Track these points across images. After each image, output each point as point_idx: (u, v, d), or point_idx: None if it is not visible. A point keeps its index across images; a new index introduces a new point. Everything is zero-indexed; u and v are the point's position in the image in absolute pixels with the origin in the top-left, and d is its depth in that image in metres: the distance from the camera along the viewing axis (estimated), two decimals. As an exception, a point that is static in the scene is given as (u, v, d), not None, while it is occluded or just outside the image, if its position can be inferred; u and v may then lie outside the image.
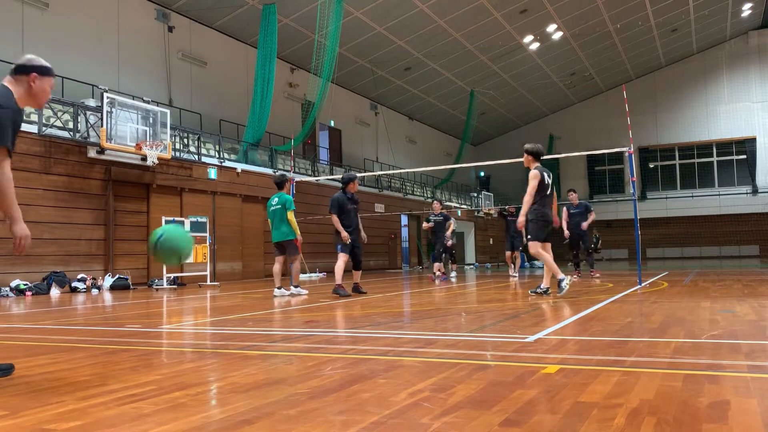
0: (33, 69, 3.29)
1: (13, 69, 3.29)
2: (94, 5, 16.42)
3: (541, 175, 7.39)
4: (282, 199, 9.15)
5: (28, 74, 3.30)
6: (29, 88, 3.28)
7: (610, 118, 36.32)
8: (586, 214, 12.31)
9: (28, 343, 4.46)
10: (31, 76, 3.29)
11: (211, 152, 17.35)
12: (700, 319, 4.90)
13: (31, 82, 3.29)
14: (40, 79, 3.31)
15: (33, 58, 3.37)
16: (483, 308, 6.54)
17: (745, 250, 33.58)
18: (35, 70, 3.29)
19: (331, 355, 3.54)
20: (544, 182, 7.41)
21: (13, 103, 3.13)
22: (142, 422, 2.16)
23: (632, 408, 2.19)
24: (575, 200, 12.51)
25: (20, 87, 3.26)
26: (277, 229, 9.17)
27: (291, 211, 9.05)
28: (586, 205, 12.47)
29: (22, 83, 3.28)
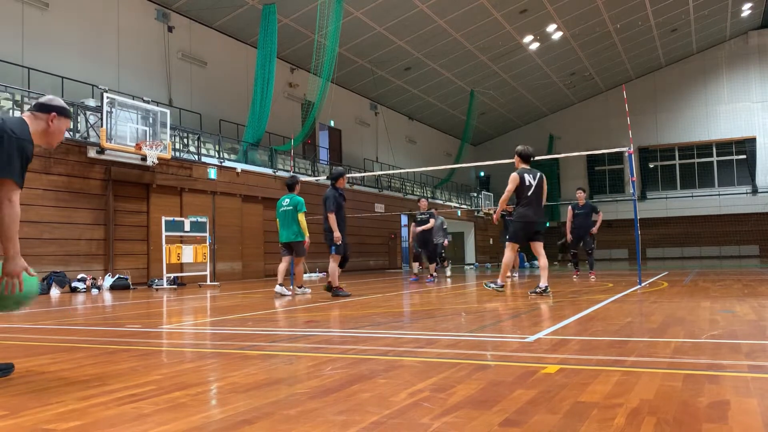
0: (53, 109, 3.29)
1: (34, 106, 3.29)
2: (94, 5, 16.42)
3: (520, 177, 7.57)
4: (294, 200, 9.31)
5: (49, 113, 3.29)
6: (47, 127, 3.27)
7: (610, 118, 36.31)
8: (591, 215, 12.11)
9: (28, 343, 4.46)
10: (51, 115, 3.28)
11: (211, 152, 17.36)
12: (700, 319, 4.90)
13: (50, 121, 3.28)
14: (59, 120, 3.31)
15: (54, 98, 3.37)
16: (483, 308, 6.54)
17: (745, 250, 33.58)
18: (55, 110, 3.29)
19: (331, 355, 3.54)
20: (524, 184, 7.57)
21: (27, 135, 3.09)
22: (142, 422, 2.16)
23: (632, 408, 2.20)
24: (582, 199, 12.29)
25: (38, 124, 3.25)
26: (287, 230, 9.31)
27: (302, 213, 9.25)
28: (592, 206, 12.25)
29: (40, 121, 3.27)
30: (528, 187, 7.56)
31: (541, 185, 7.67)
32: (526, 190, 7.56)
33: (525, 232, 7.70)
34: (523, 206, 7.60)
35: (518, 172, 7.64)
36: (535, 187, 7.60)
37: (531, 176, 7.62)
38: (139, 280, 13.96)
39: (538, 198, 7.63)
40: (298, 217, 9.23)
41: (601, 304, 6.42)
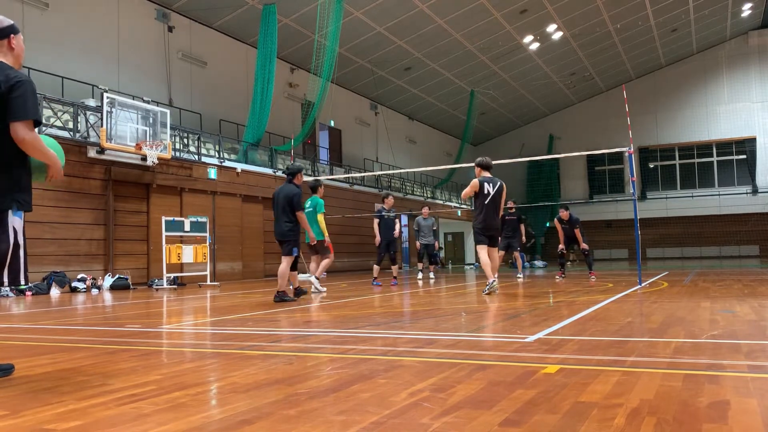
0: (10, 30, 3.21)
1: None
2: (94, 5, 16.41)
3: (480, 184, 8.22)
4: (314, 202, 9.78)
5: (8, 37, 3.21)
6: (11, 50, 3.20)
7: (610, 118, 36.29)
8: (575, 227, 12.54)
9: (28, 343, 4.46)
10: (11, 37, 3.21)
11: (211, 152, 17.36)
12: (700, 319, 4.90)
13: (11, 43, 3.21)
14: (17, 38, 3.22)
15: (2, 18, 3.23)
16: (483, 308, 6.54)
17: (745, 250, 33.56)
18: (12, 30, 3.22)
19: (331, 355, 3.54)
20: (483, 192, 8.19)
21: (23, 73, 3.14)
22: (142, 422, 2.16)
23: (632, 408, 2.20)
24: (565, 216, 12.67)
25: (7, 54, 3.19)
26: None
27: (321, 214, 9.65)
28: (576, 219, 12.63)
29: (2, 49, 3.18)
30: (486, 195, 8.20)
31: (499, 193, 8.24)
32: (483, 197, 8.20)
33: (483, 235, 8.28)
34: (479, 212, 8.26)
35: (480, 179, 8.27)
36: (493, 195, 8.19)
37: (490, 185, 8.23)
38: (139, 280, 13.96)
39: (494, 205, 8.21)
40: (317, 217, 9.63)
41: (601, 304, 6.42)
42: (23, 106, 3.04)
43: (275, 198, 8.06)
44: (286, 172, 8.25)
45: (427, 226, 14.33)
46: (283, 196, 7.89)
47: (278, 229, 7.94)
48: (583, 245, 12.48)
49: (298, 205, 7.85)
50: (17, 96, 3.04)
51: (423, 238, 14.40)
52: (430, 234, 14.35)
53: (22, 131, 3.02)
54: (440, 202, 31.19)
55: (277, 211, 7.96)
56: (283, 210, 7.86)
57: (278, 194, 8.01)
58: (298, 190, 7.97)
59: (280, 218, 7.89)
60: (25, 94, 3.06)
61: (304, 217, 7.96)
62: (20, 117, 3.03)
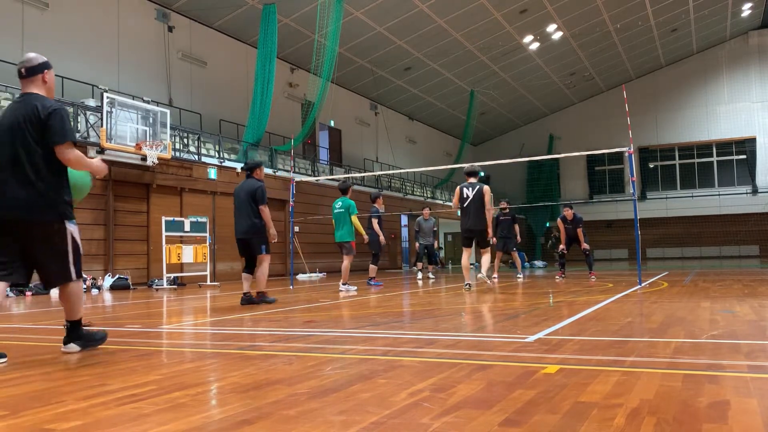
0: (44, 66, 3.73)
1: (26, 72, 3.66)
2: (94, 5, 16.41)
3: (459, 190, 9.04)
4: (345, 203, 10.08)
5: (42, 72, 3.73)
6: (44, 83, 3.71)
7: (610, 118, 36.29)
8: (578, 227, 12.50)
9: (28, 343, 4.46)
10: (45, 72, 3.74)
11: (211, 152, 17.36)
12: (700, 319, 4.90)
13: (45, 77, 3.71)
14: (50, 72, 3.71)
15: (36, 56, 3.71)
16: (483, 308, 6.54)
17: (745, 250, 33.56)
18: (46, 66, 3.73)
19: (331, 355, 3.54)
20: (462, 196, 8.96)
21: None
22: (142, 422, 2.16)
23: (632, 408, 2.20)
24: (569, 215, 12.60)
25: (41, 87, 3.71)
26: (339, 230, 10.06)
27: (354, 215, 9.99)
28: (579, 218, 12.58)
29: (37, 83, 3.70)
30: (465, 199, 8.92)
31: (477, 196, 8.87)
32: (463, 201, 8.96)
33: (464, 237, 9.08)
34: (462, 216, 8.98)
35: (460, 185, 9.08)
36: (472, 199, 8.88)
37: (469, 190, 8.94)
38: (139, 280, 13.95)
39: (475, 208, 8.86)
40: (350, 219, 9.94)
41: (601, 304, 6.42)
42: (62, 131, 3.58)
43: (236, 195, 7.63)
44: (245, 167, 7.86)
45: (428, 227, 14.38)
46: (245, 192, 7.49)
47: (242, 227, 7.47)
48: (584, 245, 12.45)
49: (262, 199, 7.43)
50: (54, 123, 3.57)
51: (423, 238, 14.45)
52: (431, 235, 14.42)
53: (66, 152, 3.58)
54: (440, 202, 31.18)
55: (239, 208, 7.52)
56: (247, 206, 7.43)
57: (239, 190, 7.62)
58: (260, 184, 7.56)
59: (244, 215, 7.45)
60: (61, 120, 3.60)
61: (267, 212, 7.49)
62: (60, 141, 3.57)
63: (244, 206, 7.45)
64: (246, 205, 7.43)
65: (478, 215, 8.91)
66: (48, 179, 3.56)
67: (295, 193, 13.23)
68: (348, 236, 9.96)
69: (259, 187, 7.48)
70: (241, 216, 7.48)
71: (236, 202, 7.61)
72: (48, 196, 3.58)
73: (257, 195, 7.41)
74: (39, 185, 3.55)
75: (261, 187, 7.49)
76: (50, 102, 3.63)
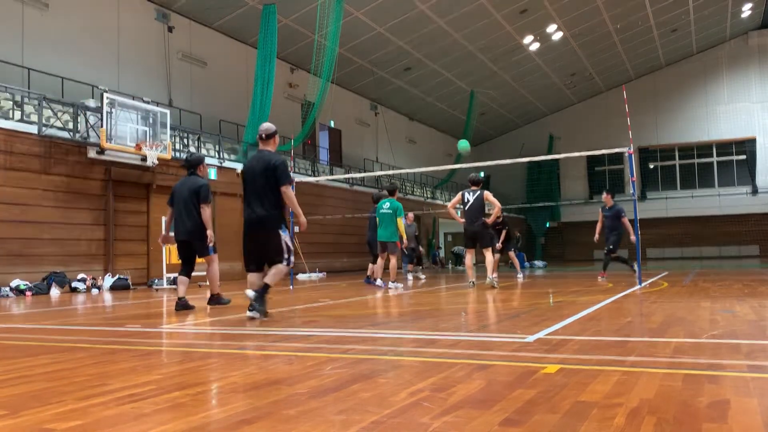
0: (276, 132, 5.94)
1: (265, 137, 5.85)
2: (94, 5, 16.41)
3: (461, 195, 9.72)
4: (393, 205, 10.62)
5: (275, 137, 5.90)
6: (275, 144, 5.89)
7: (610, 118, 36.29)
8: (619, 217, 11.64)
9: (29, 343, 4.46)
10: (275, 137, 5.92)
11: (211, 152, 17.35)
12: (700, 319, 4.90)
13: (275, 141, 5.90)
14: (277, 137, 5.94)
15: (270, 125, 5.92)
16: (483, 308, 6.54)
17: (745, 250, 33.55)
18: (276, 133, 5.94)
19: (331, 355, 3.54)
20: (464, 200, 9.63)
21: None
22: (142, 422, 2.16)
23: (632, 408, 2.20)
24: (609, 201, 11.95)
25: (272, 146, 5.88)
26: (385, 230, 10.59)
27: (400, 218, 10.51)
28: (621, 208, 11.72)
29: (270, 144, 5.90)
30: (466, 203, 9.59)
31: (479, 200, 9.54)
32: (464, 205, 9.61)
33: (466, 239, 9.73)
34: (465, 218, 9.62)
35: (462, 191, 9.77)
36: (473, 203, 9.52)
37: (471, 195, 9.61)
38: (139, 280, 13.95)
39: (476, 211, 9.51)
40: (396, 220, 10.45)
41: (601, 304, 6.42)
42: (285, 176, 5.71)
43: (176, 192, 7.08)
44: (186, 164, 7.27)
45: (410, 232, 14.44)
46: (188, 189, 6.95)
47: (184, 228, 6.99)
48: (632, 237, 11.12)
49: (205, 198, 6.95)
50: (281, 171, 5.70)
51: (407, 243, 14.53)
52: (413, 240, 14.57)
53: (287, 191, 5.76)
54: (440, 203, 31.17)
55: (179, 207, 6.98)
56: (191, 205, 6.94)
57: (180, 188, 7.06)
58: (204, 182, 7.11)
59: (186, 214, 6.95)
60: (285, 169, 5.72)
61: (208, 211, 7.03)
62: (284, 183, 5.73)
63: (187, 205, 6.95)
64: (191, 203, 6.95)
65: (480, 217, 9.54)
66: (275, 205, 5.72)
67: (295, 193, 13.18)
68: (393, 236, 10.54)
69: (203, 185, 7.02)
70: (182, 216, 6.98)
71: (175, 200, 7.08)
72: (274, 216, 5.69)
73: (200, 194, 6.94)
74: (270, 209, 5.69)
75: (205, 185, 7.04)
76: (278, 156, 5.73)
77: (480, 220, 9.51)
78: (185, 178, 7.16)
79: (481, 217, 9.56)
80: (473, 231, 9.55)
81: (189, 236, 7.00)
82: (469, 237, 9.68)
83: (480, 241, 9.60)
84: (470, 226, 9.55)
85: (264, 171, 5.64)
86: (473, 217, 9.52)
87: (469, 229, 9.59)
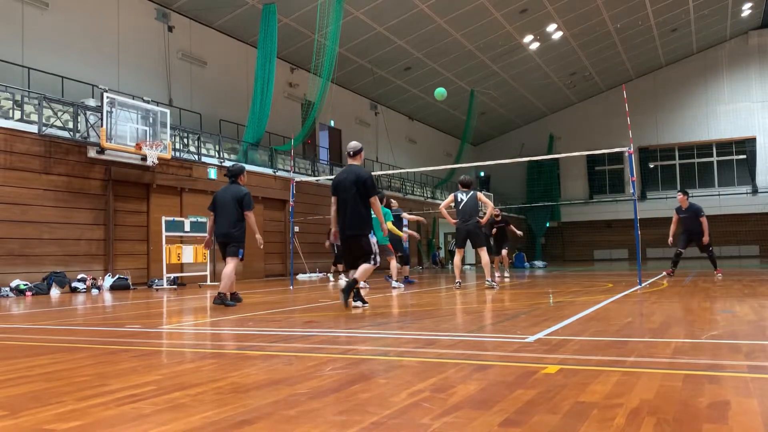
0: (362, 149, 6.97)
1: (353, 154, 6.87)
2: (94, 5, 16.41)
3: (454, 196, 9.82)
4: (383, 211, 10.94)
5: (360, 153, 6.90)
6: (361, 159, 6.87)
7: (610, 118, 36.29)
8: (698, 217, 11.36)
9: (28, 343, 4.46)
10: (361, 153, 6.92)
11: (211, 152, 17.35)
12: (700, 319, 4.90)
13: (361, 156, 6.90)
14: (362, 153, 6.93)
15: (357, 144, 6.91)
16: (483, 308, 6.54)
17: (745, 250, 33.55)
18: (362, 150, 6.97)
19: (331, 355, 3.54)
20: (456, 200, 9.73)
21: None
22: (142, 422, 2.16)
23: (632, 408, 2.19)
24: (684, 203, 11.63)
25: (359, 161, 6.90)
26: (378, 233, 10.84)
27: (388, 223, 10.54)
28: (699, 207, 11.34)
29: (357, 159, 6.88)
30: (459, 203, 9.69)
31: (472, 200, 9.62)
32: (457, 205, 9.72)
33: (459, 238, 9.83)
34: (458, 218, 9.72)
35: (455, 192, 9.87)
36: (466, 202, 9.61)
37: (464, 195, 9.71)
38: (139, 280, 13.95)
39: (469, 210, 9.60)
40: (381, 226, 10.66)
41: (601, 304, 6.42)
42: (373, 189, 6.56)
43: (218, 199, 7.74)
44: (229, 174, 7.92)
45: None
46: (231, 197, 7.61)
47: (222, 231, 7.62)
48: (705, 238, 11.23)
49: (248, 205, 7.63)
50: (369, 185, 6.53)
51: None
52: None
53: (375, 201, 6.62)
54: (440, 202, 31.17)
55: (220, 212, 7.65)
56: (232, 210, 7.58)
57: (223, 194, 7.72)
58: (247, 191, 7.76)
59: (226, 219, 7.59)
60: (372, 183, 6.55)
61: (253, 217, 7.69)
62: (372, 194, 6.56)
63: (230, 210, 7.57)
64: (230, 210, 7.57)
65: (474, 216, 9.64)
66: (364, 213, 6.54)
67: (295, 193, 13.23)
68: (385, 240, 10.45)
69: (246, 194, 7.66)
70: (223, 219, 7.61)
71: (218, 205, 7.69)
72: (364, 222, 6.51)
73: (243, 202, 7.59)
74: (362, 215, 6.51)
75: (247, 194, 7.67)
76: (365, 170, 6.66)
77: (474, 219, 9.58)
78: (227, 186, 7.83)
79: (475, 216, 9.64)
80: (466, 230, 9.60)
81: (225, 238, 7.67)
82: (461, 236, 9.75)
83: (474, 241, 9.64)
84: (463, 225, 9.60)
85: (354, 183, 6.56)
86: (467, 216, 9.58)
87: (462, 228, 9.64)
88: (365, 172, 6.67)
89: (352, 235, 6.57)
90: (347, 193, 6.57)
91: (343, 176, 6.72)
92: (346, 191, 6.58)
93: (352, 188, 6.54)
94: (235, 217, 7.56)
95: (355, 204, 6.55)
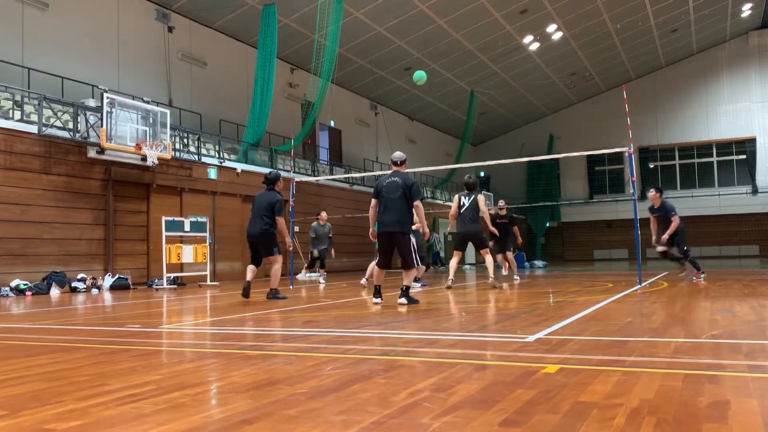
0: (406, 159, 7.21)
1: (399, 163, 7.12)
2: (94, 5, 16.41)
3: (457, 198, 10.00)
4: None
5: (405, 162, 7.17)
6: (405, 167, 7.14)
7: (610, 118, 36.28)
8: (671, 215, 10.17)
9: (28, 343, 4.46)
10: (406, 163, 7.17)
11: (211, 152, 17.35)
12: (700, 319, 4.90)
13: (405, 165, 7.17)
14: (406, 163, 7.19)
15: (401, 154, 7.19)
16: (483, 308, 6.54)
17: (745, 250, 33.54)
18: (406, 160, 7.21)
19: (331, 355, 3.54)
20: (459, 203, 9.89)
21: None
22: (142, 422, 2.16)
23: (632, 408, 2.19)
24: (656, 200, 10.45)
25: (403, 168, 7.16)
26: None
27: None
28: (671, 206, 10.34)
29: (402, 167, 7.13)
30: (461, 206, 9.87)
31: (473, 204, 9.80)
32: (459, 208, 9.89)
33: (459, 241, 10.06)
34: (458, 221, 9.92)
35: (458, 194, 10.06)
36: (468, 206, 9.80)
37: (466, 198, 9.91)
38: (139, 280, 13.95)
39: (471, 214, 9.77)
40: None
41: (601, 304, 6.42)
42: (418, 193, 6.93)
43: (255, 202, 8.28)
44: (266, 180, 8.36)
45: (323, 233, 14.28)
46: (266, 201, 8.14)
47: (254, 230, 8.11)
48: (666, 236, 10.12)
49: (279, 211, 8.12)
50: (415, 190, 6.92)
51: (318, 245, 14.30)
52: (326, 241, 14.32)
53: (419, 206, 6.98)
54: (440, 202, 31.17)
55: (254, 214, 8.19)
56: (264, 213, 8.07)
57: (259, 198, 8.25)
58: (280, 197, 8.28)
59: (257, 221, 8.10)
60: (418, 188, 6.94)
61: (282, 221, 8.13)
62: (417, 198, 6.93)
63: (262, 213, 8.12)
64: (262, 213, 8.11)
65: (474, 220, 9.84)
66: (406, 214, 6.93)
67: (295, 193, 13.23)
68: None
69: (279, 200, 8.21)
70: (256, 220, 8.17)
71: (254, 208, 8.29)
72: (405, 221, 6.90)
73: (276, 207, 8.14)
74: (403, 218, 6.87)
75: (280, 200, 8.23)
76: (410, 177, 7.01)
77: (474, 224, 9.82)
78: (264, 191, 8.34)
79: (477, 219, 9.88)
80: (467, 233, 9.81)
81: (255, 239, 8.16)
82: (460, 239, 9.98)
83: (475, 244, 9.91)
84: (464, 229, 9.82)
85: (401, 186, 6.97)
86: (467, 220, 9.81)
87: (462, 232, 9.85)
88: (412, 178, 7.10)
89: (393, 232, 6.93)
90: (393, 194, 6.97)
91: (390, 179, 7.09)
92: (392, 192, 6.98)
93: (398, 190, 6.95)
94: (267, 220, 8.09)
95: (400, 205, 6.96)
